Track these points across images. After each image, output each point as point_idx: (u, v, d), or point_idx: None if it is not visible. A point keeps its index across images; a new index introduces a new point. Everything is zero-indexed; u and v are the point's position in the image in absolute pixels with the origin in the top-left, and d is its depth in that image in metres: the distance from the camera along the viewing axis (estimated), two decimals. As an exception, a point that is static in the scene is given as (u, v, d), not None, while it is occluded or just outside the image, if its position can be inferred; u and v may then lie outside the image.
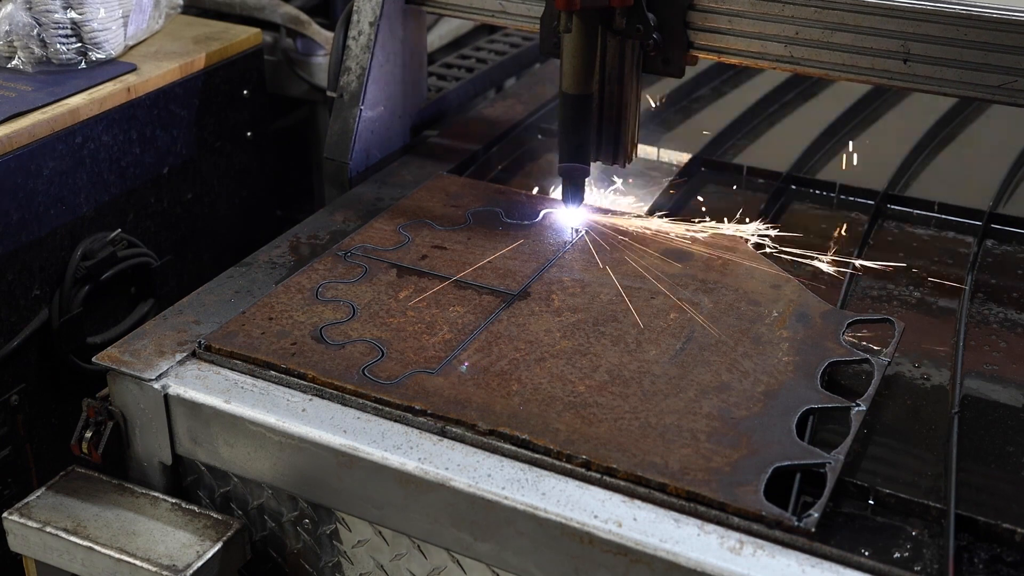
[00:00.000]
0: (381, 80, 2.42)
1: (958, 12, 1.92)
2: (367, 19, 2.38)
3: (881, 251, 2.20)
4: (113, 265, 2.30)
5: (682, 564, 1.43)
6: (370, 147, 2.43)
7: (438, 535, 1.60)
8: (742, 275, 1.97)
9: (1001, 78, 1.92)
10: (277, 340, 1.79)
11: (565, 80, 2.05)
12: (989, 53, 1.91)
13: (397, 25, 2.44)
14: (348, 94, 2.39)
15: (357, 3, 2.39)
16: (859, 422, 1.63)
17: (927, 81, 1.98)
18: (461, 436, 1.62)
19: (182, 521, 1.73)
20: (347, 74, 2.40)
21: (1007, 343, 1.91)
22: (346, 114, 2.38)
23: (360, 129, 2.38)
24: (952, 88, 1.97)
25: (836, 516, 1.53)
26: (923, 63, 1.97)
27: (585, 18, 2.00)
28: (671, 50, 2.11)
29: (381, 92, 2.43)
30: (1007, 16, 1.89)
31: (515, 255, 2.03)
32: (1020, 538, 1.49)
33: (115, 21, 2.41)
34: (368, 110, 2.39)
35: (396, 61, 2.46)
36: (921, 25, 1.95)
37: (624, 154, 2.19)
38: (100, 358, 1.78)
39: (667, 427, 1.60)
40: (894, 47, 1.98)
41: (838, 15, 1.99)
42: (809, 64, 2.05)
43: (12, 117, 2.15)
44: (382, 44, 2.40)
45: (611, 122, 2.15)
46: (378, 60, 2.39)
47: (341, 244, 2.07)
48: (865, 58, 2.00)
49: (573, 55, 2.03)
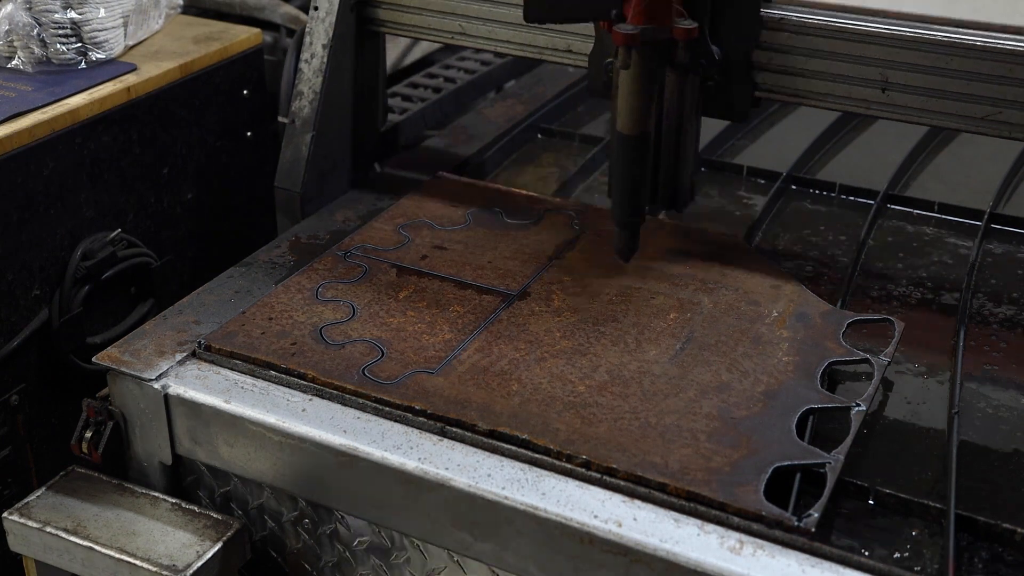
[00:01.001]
0: (335, 104, 2.31)
1: (940, 39, 1.83)
2: (320, 41, 2.26)
3: (881, 251, 2.20)
4: (113, 265, 2.30)
5: (682, 564, 1.44)
6: (324, 174, 2.31)
7: (438, 535, 1.60)
8: (742, 275, 1.97)
9: (986, 109, 1.84)
10: (277, 340, 1.79)
11: (621, 119, 1.86)
12: (972, 83, 1.83)
13: (352, 47, 2.31)
14: (300, 120, 2.27)
15: (310, 24, 2.28)
16: (859, 422, 1.63)
17: (907, 112, 1.89)
18: (461, 436, 1.62)
19: (182, 521, 1.73)
20: (299, 99, 2.28)
21: (1007, 343, 1.91)
22: (298, 140, 2.26)
23: (313, 156, 2.26)
24: (934, 119, 1.89)
25: (836, 516, 1.53)
26: (902, 92, 1.88)
27: (646, 53, 1.81)
28: (735, 91, 1.97)
29: (335, 117, 2.32)
30: (990, 44, 1.81)
31: (515, 255, 2.03)
32: (1020, 538, 1.49)
33: (115, 21, 2.41)
34: (321, 136, 2.27)
35: (351, 84, 2.34)
36: (901, 53, 1.86)
37: (682, 198, 2.03)
38: (100, 358, 1.78)
39: (667, 427, 1.60)
40: (872, 75, 1.89)
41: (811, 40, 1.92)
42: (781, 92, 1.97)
43: (12, 117, 2.14)
44: (336, 67, 2.27)
45: (668, 163, 1.99)
46: (332, 84, 2.27)
47: (341, 244, 2.07)
48: (840, 86, 1.91)
49: (631, 93, 1.83)
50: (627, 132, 1.86)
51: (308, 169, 2.25)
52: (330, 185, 2.33)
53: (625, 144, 1.88)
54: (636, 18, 1.79)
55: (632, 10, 1.79)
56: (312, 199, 2.27)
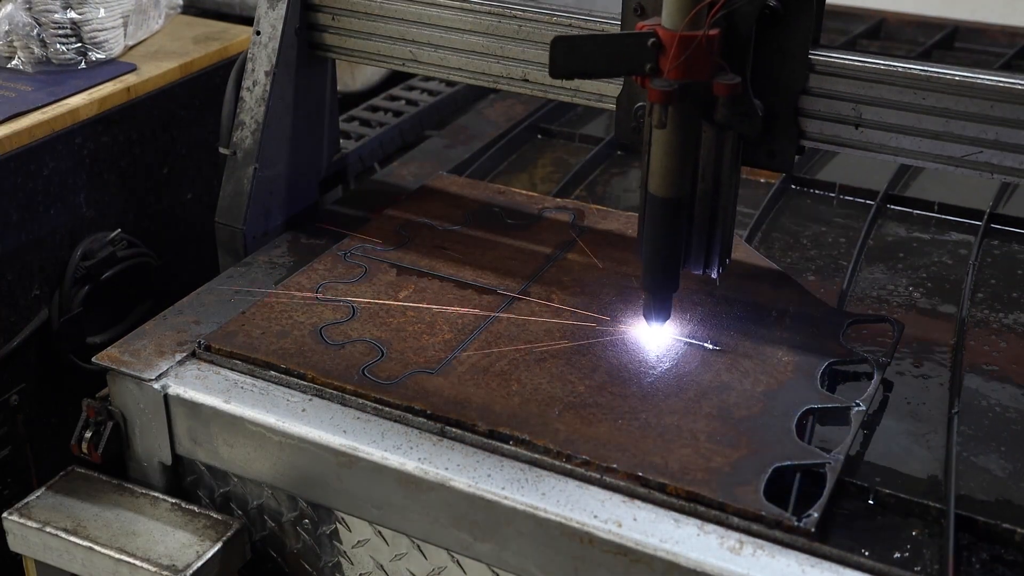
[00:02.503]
0: (280, 135, 2.15)
1: (915, 73, 1.69)
2: (262, 68, 2.10)
3: (881, 251, 2.20)
4: (113, 265, 2.30)
5: (682, 564, 1.43)
6: (269, 209, 2.16)
7: (438, 535, 1.60)
8: (742, 275, 1.96)
9: (965, 148, 1.70)
10: (277, 340, 1.79)
11: (654, 181, 1.69)
12: (951, 121, 1.69)
13: (297, 74, 2.16)
14: (241, 151, 2.12)
15: (251, 50, 2.12)
16: (859, 422, 1.63)
17: (881, 149, 1.75)
18: (461, 436, 1.62)
19: (182, 521, 1.73)
20: (240, 129, 2.12)
21: (1007, 343, 1.91)
22: (239, 174, 2.12)
23: (255, 190, 2.11)
24: (909, 157, 1.75)
25: (836, 516, 1.53)
26: (876, 129, 1.74)
27: (683, 110, 1.63)
28: (778, 141, 1.78)
29: (281, 148, 2.16)
30: (969, 80, 1.67)
31: (515, 255, 2.03)
32: (1020, 538, 1.49)
33: (115, 21, 2.41)
34: (265, 169, 2.13)
35: (297, 113, 2.18)
36: (873, 87, 1.72)
37: (718, 260, 1.83)
38: (100, 358, 1.78)
39: (667, 427, 1.60)
40: (844, 110, 1.75)
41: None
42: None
43: (12, 117, 2.14)
44: (280, 95, 2.12)
45: (703, 224, 1.80)
46: (276, 113, 2.12)
47: (341, 244, 2.07)
48: (813, 121, 1.77)
49: (667, 154, 1.66)
50: (661, 195, 1.70)
51: (251, 204, 2.11)
52: (276, 219, 2.20)
53: (658, 207, 1.71)
54: (674, 73, 1.60)
55: (669, 64, 1.60)
56: (256, 234, 2.14)
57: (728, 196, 1.79)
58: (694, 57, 1.60)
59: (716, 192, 1.78)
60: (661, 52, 1.60)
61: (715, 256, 1.83)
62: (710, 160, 1.76)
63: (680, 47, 1.58)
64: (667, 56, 1.59)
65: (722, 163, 1.77)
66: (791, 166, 1.83)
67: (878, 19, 3.32)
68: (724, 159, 1.77)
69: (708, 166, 1.76)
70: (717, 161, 1.77)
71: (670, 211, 1.71)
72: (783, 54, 1.74)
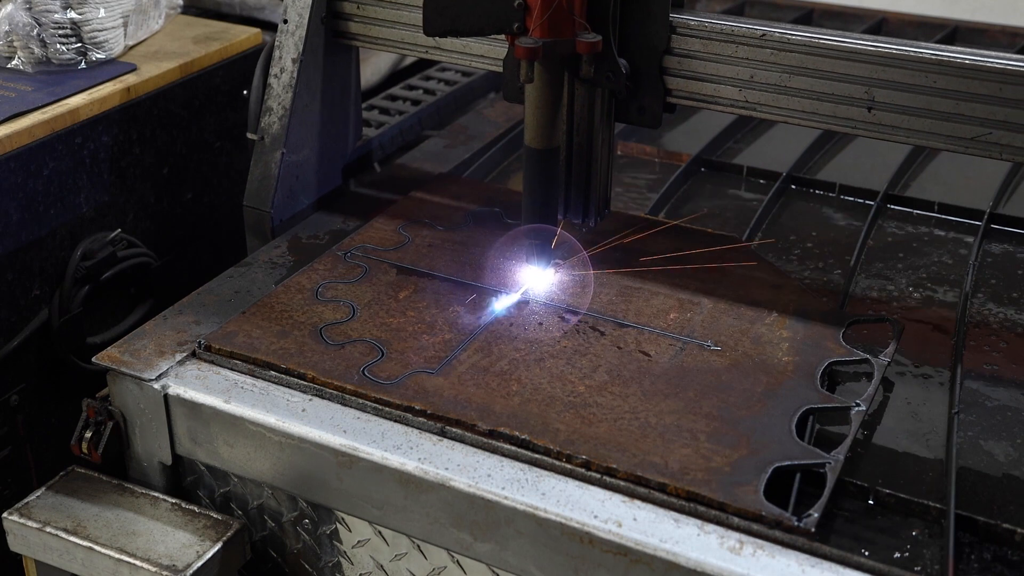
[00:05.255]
0: (306, 121, 2.22)
1: (927, 57, 1.76)
2: (290, 55, 2.17)
3: (881, 251, 2.20)
4: (113, 265, 2.30)
5: (682, 564, 1.44)
6: (295, 193, 2.23)
7: (438, 535, 1.60)
8: (742, 275, 1.97)
9: (975, 130, 1.76)
10: (277, 340, 1.79)
11: (528, 133, 1.84)
12: (961, 103, 1.76)
13: (323, 61, 2.22)
14: (269, 137, 2.18)
15: (279, 38, 2.19)
16: (859, 422, 1.63)
17: (893, 131, 1.82)
18: (461, 436, 1.62)
19: (182, 521, 1.73)
20: (268, 115, 2.19)
21: (1007, 343, 1.91)
22: (267, 158, 2.18)
23: (283, 174, 2.17)
24: (920, 139, 1.81)
25: (836, 516, 1.53)
26: (889, 111, 1.81)
27: (549, 67, 1.78)
28: (646, 98, 1.93)
29: (307, 133, 2.23)
30: (979, 63, 1.74)
31: (515, 255, 2.02)
32: (1020, 538, 1.49)
33: (115, 21, 2.41)
34: (292, 154, 2.19)
35: (323, 99, 2.25)
36: (887, 71, 1.79)
37: (595, 210, 2.02)
38: (100, 358, 1.78)
39: (667, 427, 1.60)
40: (857, 93, 1.82)
41: (797, 58, 1.85)
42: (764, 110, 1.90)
43: (12, 117, 2.15)
44: (306, 82, 2.19)
45: (580, 176, 1.98)
46: (302, 99, 2.19)
47: (341, 244, 2.07)
48: (825, 104, 1.85)
49: (537, 107, 1.81)
50: (535, 146, 1.84)
51: (278, 188, 2.17)
52: (302, 203, 2.26)
53: (534, 158, 1.85)
54: (538, 31, 1.75)
55: (534, 23, 1.75)
56: (283, 218, 2.20)
57: (602, 150, 1.96)
58: (556, 17, 1.75)
59: (590, 146, 1.95)
60: (528, 12, 1.76)
61: (592, 206, 2.01)
62: (584, 116, 1.93)
63: (543, 7, 1.74)
64: (532, 16, 1.75)
65: (594, 119, 1.93)
66: (659, 122, 1.96)
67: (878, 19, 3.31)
68: (596, 115, 1.93)
69: (582, 122, 1.93)
70: (590, 117, 1.93)
71: (544, 160, 1.85)
72: (645, 16, 1.90)
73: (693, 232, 2.11)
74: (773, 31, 1.87)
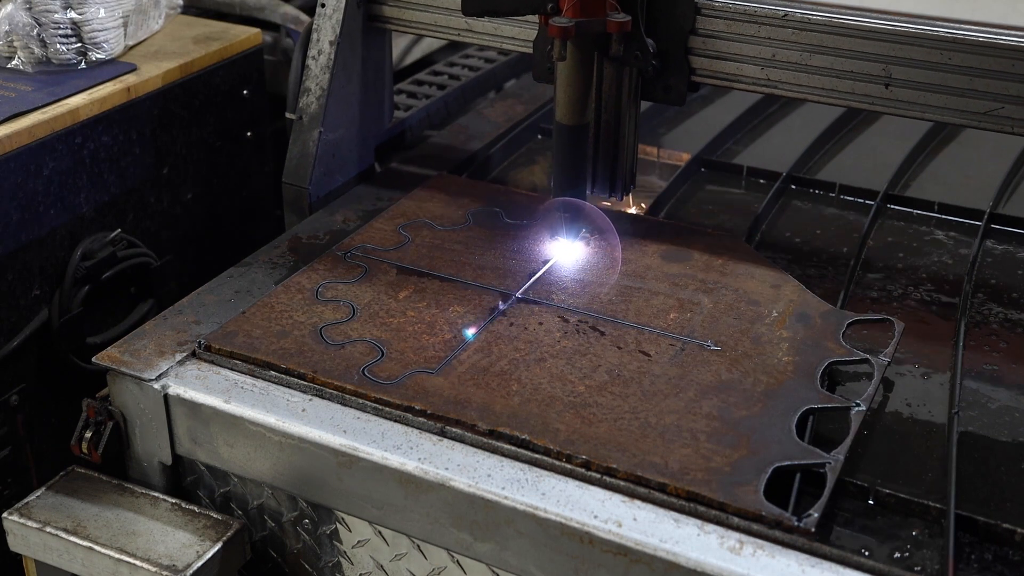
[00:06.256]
0: (342, 101, 2.31)
1: (942, 35, 1.85)
2: (327, 38, 2.27)
3: (881, 251, 2.20)
4: (113, 265, 2.30)
5: (682, 564, 1.44)
6: (332, 170, 2.32)
7: (438, 535, 1.60)
8: (742, 275, 1.97)
9: (987, 104, 1.85)
10: (277, 340, 1.79)
11: (559, 110, 1.95)
12: (975, 79, 1.85)
13: (359, 44, 2.33)
14: (307, 116, 2.28)
15: (317, 21, 2.29)
16: (859, 422, 1.63)
17: (909, 107, 1.91)
18: (461, 436, 1.62)
19: (182, 521, 1.73)
20: (306, 95, 2.29)
21: (1007, 343, 1.91)
22: (305, 137, 2.28)
23: (320, 152, 2.27)
24: (936, 114, 1.90)
25: (836, 516, 1.53)
26: (905, 88, 1.91)
27: (581, 45, 1.89)
28: (671, 77, 2.03)
29: (342, 113, 2.32)
30: (992, 40, 1.82)
31: (515, 255, 2.03)
32: (1020, 538, 1.49)
33: (115, 21, 2.41)
34: (329, 132, 2.29)
35: (358, 81, 2.35)
36: (903, 48, 1.88)
37: (621, 185, 2.11)
38: (100, 358, 1.78)
39: (667, 427, 1.60)
40: (875, 71, 1.92)
41: (817, 37, 1.93)
42: (785, 87, 1.99)
43: (12, 117, 2.14)
44: (343, 64, 2.29)
45: (607, 152, 2.07)
46: (339, 80, 2.28)
47: (341, 244, 2.07)
48: (844, 82, 1.94)
49: (568, 84, 1.92)
50: (565, 122, 1.94)
51: (316, 165, 2.26)
52: (337, 181, 2.34)
53: (564, 134, 1.95)
54: (571, 11, 1.84)
55: (567, 4, 1.84)
56: (320, 195, 2.29)
57: (628, 127, 2.04)
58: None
59: (618, 124, 2.03)
60: None
61: (619, 182, 2.09)
62: (612, 94, 2.01)
63: None
64: None
65: (622, 97, 2.01)
66: (683, 100, 2.06)
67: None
68: (623, 93, 2.01)
69: (610, 100, 2.01)
70: (617, 95, 2.01)
71: (574, 136, 1.95)
72: None
73: (693, 231, 2.11)
74: (794, 11, 1.94)
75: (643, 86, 2.05)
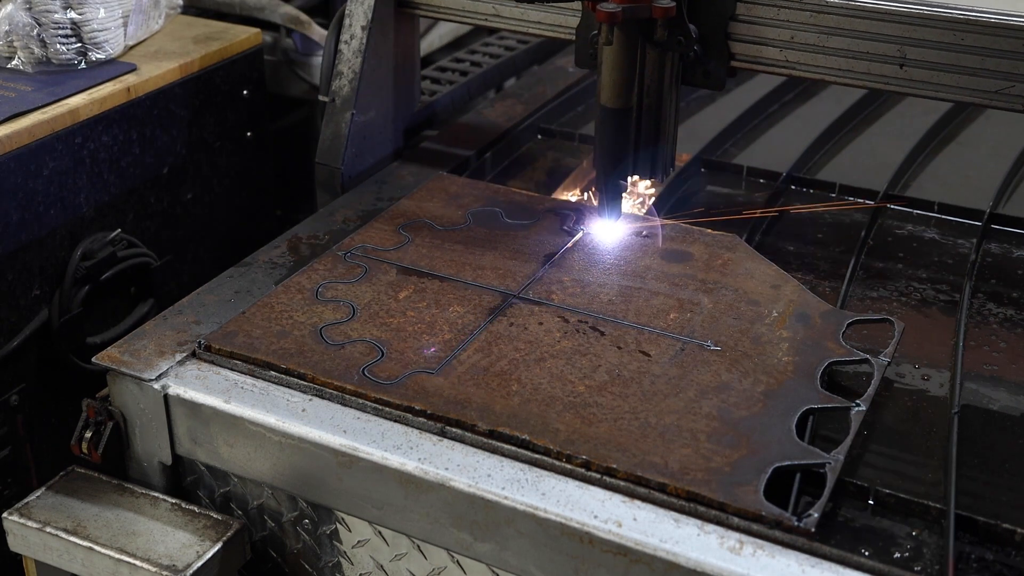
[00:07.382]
0: (373, 84, 2.40)
1: (955, 16, 1.91)
2: (359, 23, 2.35)
3: (881, 251, 2.20)
4: (113, 265, 2.30)
5: (682, 564, 1.44)
6: (363, 152, 2.40)
7: (438, 535, 1.60)
8: (742, 275, 1.97)
9: (998, 83, 1.91)
10: (277, 340, 1.79)
11: (604, 93, 2.00)
12: (986, 58, 1.90)
13: (389, 29, 2.41)
14: (340, 98, 2.36)
15: (349, 7, 2.37)
16: (859, 422, 1.63)
17: (923, 86, 1.97)
18: (461, 436, 1.62)
19: (182, 521, 1.73)
20: (339, 78, 2.37)
21: (1007, 343, 1.91)
22: (338, 119, 2.36)
23: (352, 134, 2.35)
24: (949, 93, 1.97)
25: (836, 516, 1.53)
26: (919, 68, 1.96)
27: (627, 30, 1.94)
28: (712, 62, 2.09)
29: (373, 96, 2.40)
30: (1004, 20, 1.88)
31: (515, 255, 2.03)
32: (1020, 538, 1.49)
33: (115, 21, 2.41)
34: (360, 115, 2.37)
35: (388, 65, 2.43)
36: (917, 30, 1.94)
37: (662, 168, 2.15)
38: (100, 358, 1.78)
39: (667, 427, 1.60)
40: (890, 52, 1.97)
41: (834, 19, 1.99)
42: (804, 69, 2.05)
43: (12, 117, 2.15)
44: (374, 48, 2.37)
45: (649, 136, 2.10)
46: (370, 64, 2.36)
47: (341, 244, 2.07)
48: (861, 63, 2.00)
49: (614, 68, 1.97)
50: (610, 105, 2.00)
51: (348, 146, 2.34)
52: (368, 162, 2.43)
53: (608, 117, 2.01)
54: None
55: None
56: (351, 175, 2.37)
57: (669, 111, 2.09)
58: None
59: (659, 107, 2.07)
60: None
61: (659, 165, 2.13)
62: (654, 79, 2.04)
63: None
64: None
65: (663, 81, 2.05)
66: (723, 85, 2.12)
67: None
68: (665, 78, 2.05)
69: (652, 84, 2.05)
70: (659, 80, 2.05)
71: (618, 119, 2.01)
72: None
73: (693, 231, 2.11)
74: None
75: (683, 71, 2.10)
